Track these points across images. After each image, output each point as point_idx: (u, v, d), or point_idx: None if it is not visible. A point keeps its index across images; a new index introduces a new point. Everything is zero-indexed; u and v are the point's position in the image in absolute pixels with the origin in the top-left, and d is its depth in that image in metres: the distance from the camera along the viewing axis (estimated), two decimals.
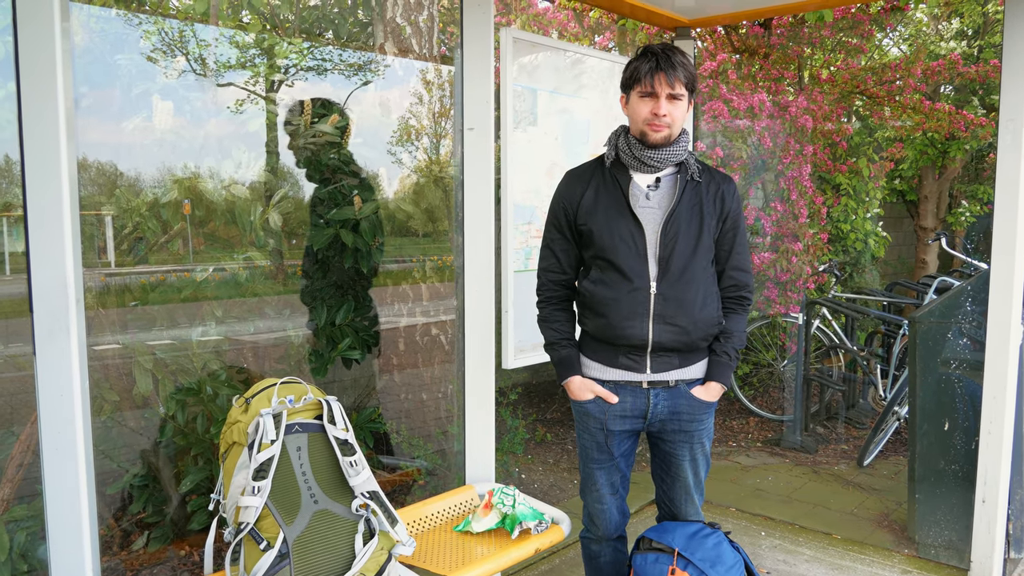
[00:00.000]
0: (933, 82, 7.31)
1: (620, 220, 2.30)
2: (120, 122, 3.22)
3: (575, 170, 2.47)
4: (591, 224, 2.33)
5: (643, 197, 2.32)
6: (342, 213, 3.48)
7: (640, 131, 2.30)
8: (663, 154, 2.30)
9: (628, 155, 2.33)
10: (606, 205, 2.33)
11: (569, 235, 2.42)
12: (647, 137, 2.28)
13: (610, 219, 2.31)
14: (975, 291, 3.47)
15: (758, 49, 6.02)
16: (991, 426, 3.20)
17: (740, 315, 2.44)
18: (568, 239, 2.42)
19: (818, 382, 5.57)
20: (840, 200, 6.66)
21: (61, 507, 1.95)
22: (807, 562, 3.57)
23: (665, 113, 2.25)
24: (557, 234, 2.44)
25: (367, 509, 2.10)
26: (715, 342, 2.42)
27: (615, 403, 2.38)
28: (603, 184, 2.36)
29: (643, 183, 2.33)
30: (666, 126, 2.26)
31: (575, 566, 3.49)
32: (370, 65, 4.10)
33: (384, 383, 4.23)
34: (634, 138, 2.33)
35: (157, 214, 3.17)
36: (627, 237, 2.29)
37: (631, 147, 2.32)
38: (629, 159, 2.33)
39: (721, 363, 2.40)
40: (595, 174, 2.40)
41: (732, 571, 2.35)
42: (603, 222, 2.31)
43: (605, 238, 2.31)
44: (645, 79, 2.26)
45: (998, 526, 3.22)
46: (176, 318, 3.28)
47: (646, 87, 2.26)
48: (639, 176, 2.34)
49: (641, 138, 2.30)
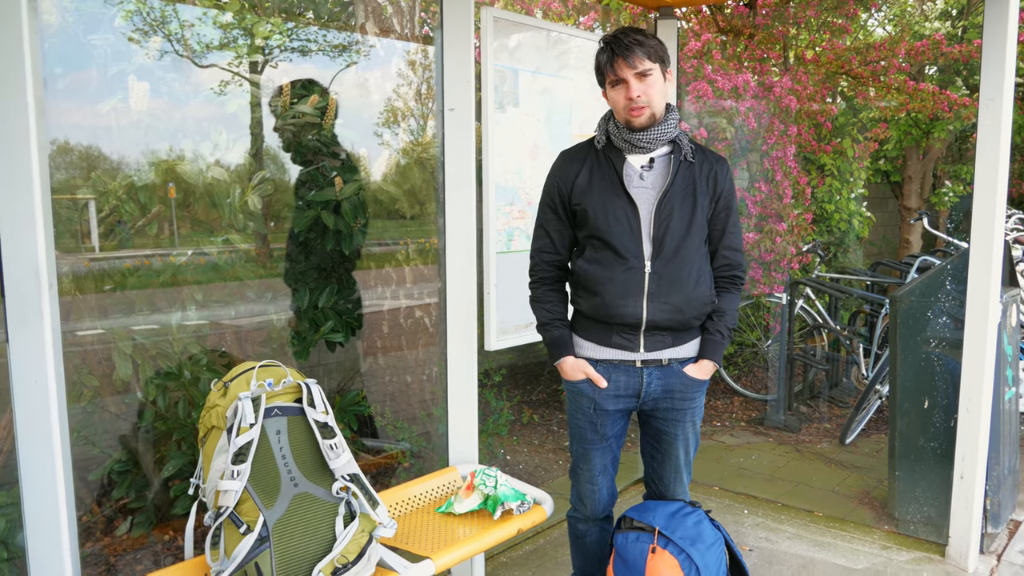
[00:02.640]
0: (917, 62, 7.32)
1: (615, 200, 2.31)
2: (97, 104, 3.17)
3: (569, 150, 2.48)
4: (585, 204, 2.34)
5: (637, 177, 2.33)
6: (323, 195, 3.45)
7: (624, 119, 2.31)
8: (652, 134, 2.31)
9: (619, 139, 2.35)
10: (600, 185, 2.34)
11: (563, 215, 2.42)
12: (631, 123, 2.30)
13: (605, 199, 2.32)
14: (955, 270, 3.48)
15: (743, 29, 5.99)
16: (969, 404, 3.22)
17: (733, 294, 2.45)
18: (562, 219, 2.43)
19: (801, 362, 5.61)
20: (824, 180, 6.67)
21: (38, 495, 1.93)
22: (789, 539, 3.60)
23: (638, 94, 2.25)
24: (551, 214, 2.45)
25: (348, 492, 2.09)
26: (708, 320, 2.43)
27: (606, 387, 2.39)
28: (597, 164, 2.37)
29: (637, 164, 2.35)
30: (644, 106, 2.26)
31: (560, 545, 3.51)
32: (353, 46, 4.06)
33: (368, 366, 4.23)
34: (621, 123, 2.34)
35: (135, 197, 3.13)
36: (621, 217, 2.30)
37: (620, 131, 2.34)
38: (620, 142, 2.35)
39: (714, 341, 2.42)
40: (589, 154, 2.41)
41: (712, 549, 2.37)
42: (597, 202, 2.32)
43: (599, 217, 2.32)
44: (607, 70, 2.28)
45: (976, 502, 3.26)
46: (156, 303, 3.26)
47: (611, 76, 2.28)
48: (633, 157, 2.35)
49: (627, 124, 2.31)
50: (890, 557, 3.42)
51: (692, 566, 2.30)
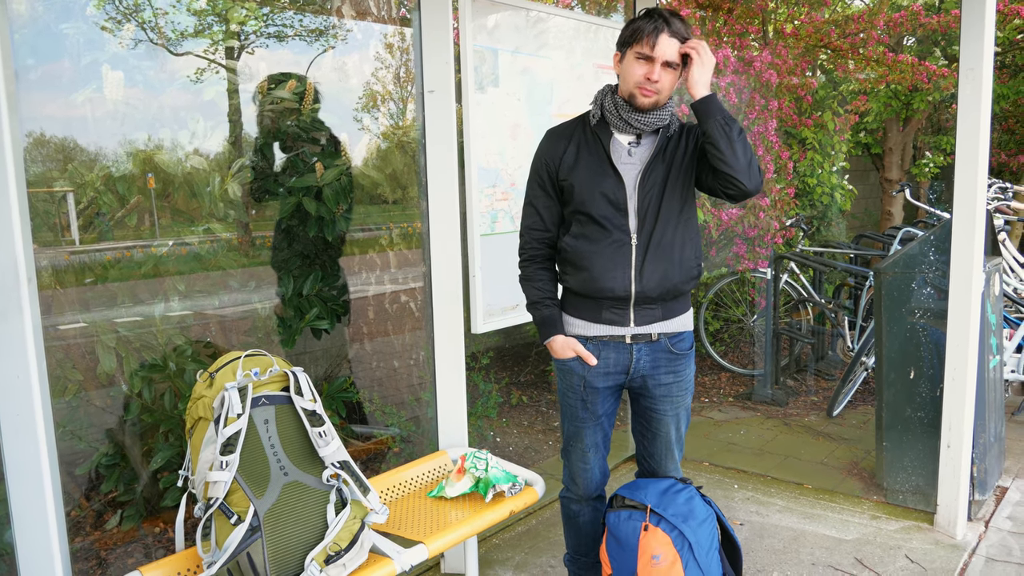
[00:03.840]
0: (896, 33, 7.32)
1: (601, 175, 2.32)
2: (71, 94, 3.12)
3: (556, 128, 2.47)
4: (572, 179, 2.35)
5: (625, 154, 2.33)
6: (303, 181, 3.42)
7: (630, 93, 2.29)
8: (648, 118, 2.31)
9: (614, 115, 2.33)
10: (588, 161, 2.34)
11: (552, 191, 2.42)
12: (636, 100, 2.28)
13: (592, 174, 2.33)
14: (938, 241, 3.50)
15: (722, 4, 5.97)
16: (955, 373, 3.25)
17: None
18: (551, 196, 2.43)
19: (787, 336, 5.64)
20: (806, 154, 6.68)
21: (24, 491, 1.92)
22: (779, 512, 3.63)
23: (658, 79, 2.24)
24: (540, 191, 2.44)
25: (338, 479, 2.09)
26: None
27: (595, 365, 2.39)
28: (584, 141, 2.37)
29: (624, 140, 2.35)
30: (656, 92, 2.26)
31: (552, 526, 3.52)
32: (330, 30, 4.01)
33: (355, 352, 4.21)
34: (621, 99, 2.32)
35: (113, 188, 3.09)
36: (608, 191, 2.30)
37: (618, 107, 2.32)
38: (614, 119, 2.33)
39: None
40: (576, 132, 2.41)
41: (704, 525, 2.38)
42: (585, 177, 2.33)
43: (586, 192, 2.32)
44: (644, 38, 2.23)
45: (963, 470, 3.30)
46: (139, 295, 3.22)
47: (646, 48, 2.23)
48: (621, 135, 2.34)
49: (630, 100, 2.29)
50: (879, 527, 3.46)
51: (684, 542, 2.31)
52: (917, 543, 3.30)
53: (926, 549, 3.24)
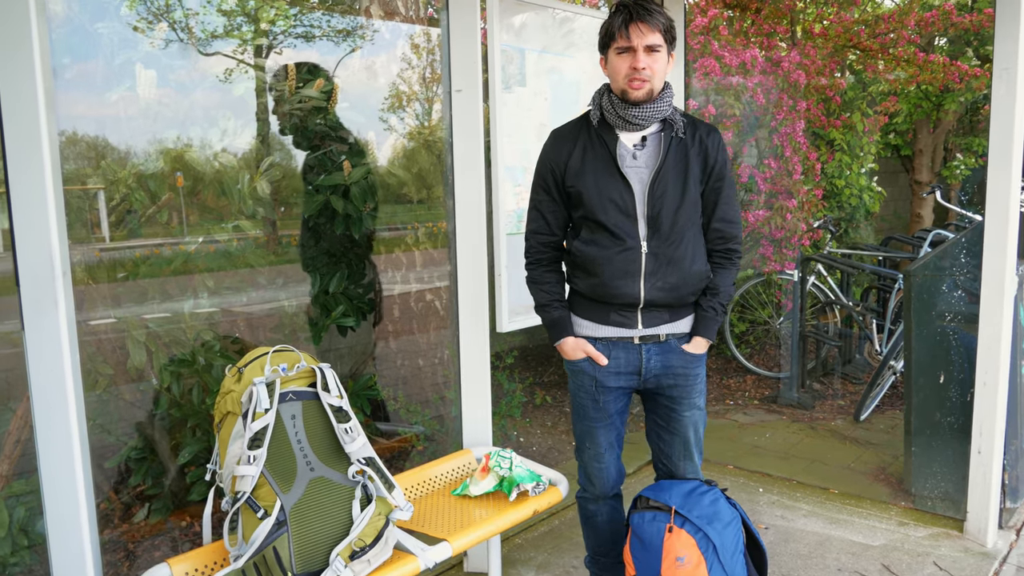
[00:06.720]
0: (927, 33, 7.22)
1: (609, 181, 2.29)
2: (104, 93, 3.17)
3: (560, 130, 2.45)
4: (579, 186, 2.33)
5: (630, 157, 2.31)
6: (331, 179, 3.44)
7: (621, 89, 2.28)
8: (647, 111, 2.28)
9: (612, 114, 2.31)
10: (594, 166, 2.32)
11: (557, 196, 2.40)
12: (628, 95, 2.26)
13: (599, 180, 2.30)
14: (969, 243, 3.45)
15: (750, 4, 5.93)
16: (986, 377, 3.20)
17: (728, 270, 2.43)
18: (556, 200, 2.41)
19: (814, 338, 5.58)
20: (834, 156, 6.61)
21: (57, 482, 1.95)
22: (805, 517, 3.60)
23: (644, 66, 2.22)
24: (545, 196, 2.43)
25: (364, 475, 2.10)
26: (702, 297, 2.42)
27: (606, 364, 2.39)
28: (590, 144, 2.35)
29: (629, 143, 2.32)
30: (646, 79, 2.23)
31: (575, 527, 3.52)
32: (358, 30, 4.04)
33: (380, 350, 4.23)
34: (616, 97, 2.31)
35: (144, 186, 3.13)
36: (616, 198, 2.28)
37: (615, 106, 2.30)
38: (614, 118, 2.31)
39: (707, 318, 2.41)
40: (581, 134, 2.38)
41: (729, 527, 2.37)
42: (592, 183, 2.31)
43: (594, 199, 2.30)
44: (620, 33, 2.23)
45: (994, 476, 3.25)
46: (168, 291, 3.26)
47: (622, 41, 2.23)
48: (625, 135, 2.33)
49: (623, 96, 2.28)
50: (907, 533, 3.42)
51: (709, 544, 2.30)
52: (946, 550, 3.25)
53: (955, 556, 3.20)
